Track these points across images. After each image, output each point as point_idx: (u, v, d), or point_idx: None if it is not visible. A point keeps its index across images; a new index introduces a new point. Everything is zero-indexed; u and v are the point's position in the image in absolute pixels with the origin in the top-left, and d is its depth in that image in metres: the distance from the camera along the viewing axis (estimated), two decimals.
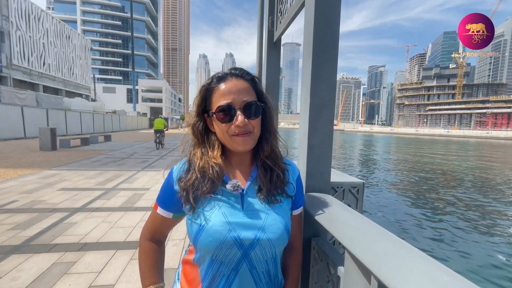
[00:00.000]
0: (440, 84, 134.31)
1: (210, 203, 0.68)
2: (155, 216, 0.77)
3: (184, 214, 0.73)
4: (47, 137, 10.13)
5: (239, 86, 0.68)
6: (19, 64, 27.58)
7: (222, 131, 0.69)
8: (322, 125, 1.03)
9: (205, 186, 0.67)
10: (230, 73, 0.70)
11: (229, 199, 0.69)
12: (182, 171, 0.73)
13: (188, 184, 0.68)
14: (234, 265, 0.65)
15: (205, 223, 0.65)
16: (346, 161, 18.29)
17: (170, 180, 0.73)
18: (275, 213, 0.70)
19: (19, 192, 4.55)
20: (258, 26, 2.60)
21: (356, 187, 1.25)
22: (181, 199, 0.69)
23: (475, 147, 37.07)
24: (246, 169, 0.76)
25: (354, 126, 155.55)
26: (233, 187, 0.67)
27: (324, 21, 1.00)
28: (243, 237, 0.64)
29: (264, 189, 0.71)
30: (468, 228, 6.17)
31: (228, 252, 0.64)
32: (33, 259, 2.44)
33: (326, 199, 0.94)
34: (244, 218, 0.66)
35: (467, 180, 12.00)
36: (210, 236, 0.63)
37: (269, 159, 0.75)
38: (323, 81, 1.01)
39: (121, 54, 76.81)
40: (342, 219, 0.76)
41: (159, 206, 0.75)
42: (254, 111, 0.69)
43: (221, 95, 0.68)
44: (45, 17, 32.23)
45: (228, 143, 0.70)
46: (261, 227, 0.66)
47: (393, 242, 0.59)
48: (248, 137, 0.68)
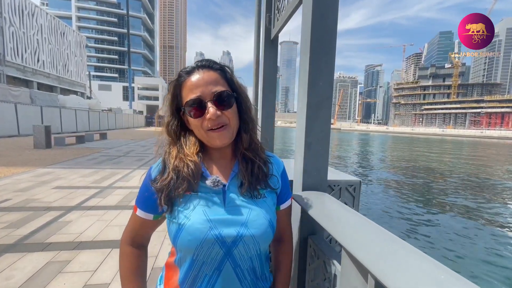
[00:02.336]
0: (435, 84, 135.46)
1: (189, 201, 0.65)
2: (134, 219, 0.73)
3: (160, 214, 0.71)
4: (42, 135, 10.00)
5: (207, 78, 0.65)
6: (12, 60, 27.12)
7: (197, 127, 0.67)
8: (319, 123, 1.03)
9: (180, 186, 0.64)
10: (197, 66, 0.67)
11: (209, 196, 0.66)
12: (157, 171, 0.69)
13: (163, 185, 0.65)
14: (217, 264, 0.63)
15: (184, 221, 0.62)
16: (343, 159, 18.38)
17: (148, 180, 0.69)
18: (259, 208, 0.67)
19: (13, 190, 4.49)
20: (256, 23, 2.58)
21: (353, 185, 1.25)
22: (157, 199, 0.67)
23: (470, 146, 37.51)
24: (227, 164, 0.73)
25: (351, 125, 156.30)
26: (213, 183, 0.64)
27: (321, 18, 0.99)
28: (225, 235, 0.62)
29: (246, 183, 0.68)
30: (464, 226, 6.24)
31: (209, 251, 0.61)
32: (27, 258, 2.41)
33: (323, 197, 0.94)
34: (225, 215, 0.64)
35: (462, 178, 12.13)
36: (190, 235, 0.61)
37: (249, 150, 0.72)
38: (320, 79, 1.01)
39: (117, 51, 76.05)
40: (339, 217, 0.76)
41: (138, 208, 0.71)
42: (226, 101, 0.65)
43: (190, 89, 0.65)
44: (39, 13, 31.72)
45: (204, 139, 0.68)
46: (243, 223, 0.64)
47: (389, 240, 0.59)
48: (225, 130, 0.66)
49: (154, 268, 2.31)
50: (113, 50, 75.86)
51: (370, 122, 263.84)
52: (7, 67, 26.65)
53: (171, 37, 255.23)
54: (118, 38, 75.06)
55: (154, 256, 2.51)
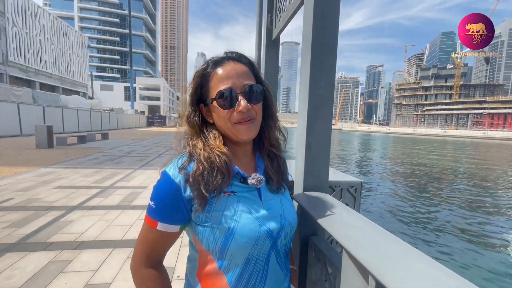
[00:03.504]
0: (437, 84, 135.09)
1: (230, 203, 0.62)
2: (154, 236, 0.62)
3: (189, 221, 0.64)
4: (44, 135, 10.04)
5: (238, 70, 0.64)
6: (15, 60, 27.26)
7: (224, 119, 0.64)
8: (320, 124, 1.03)
9: (215, 178, 0.60)
10: (227, 57, 0.66)
11: (247, 194, 0.65)
12: (183, 163, 0.63)
13: (197, 176, 0.60)
14: (266, 257, 0.64)
15: (234, 225, 0.59)
16: (344, 160, 18.34)
17: (169, 184, 0.61)
18: (286, 199, 0.72)
19: (15, 190, 4.50)
20: (257, 24, 2.59)
21: (354, 186, 1.25)
22: (188, 204, 0.60)
23: (471, 147, 37.34)
24: (250, 161, 0.72)
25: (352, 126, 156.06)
26: (258, 180, 0.64)
27: (323, 19, 0.99)
28: (272, 228, 0.64)
29: (275, 179, 0.70)
30: (466, 228, 6.21)
31: (261, 246, 0.62)
32: (29, 257, 2.42)
33: (323, 198, 0.94)
34: (266, 210, 0.65)
35: (464, 179, 12.08)
36: (244, 237, 0.59)
37: (274, 147, 0.73)
38: (321, 79, 1.01)
39: (119, 51, 76.36)
40: (339, 218, 0.76)
41: (160, 222, 0.61)
42: (256, 95, 0.65)
43: (220, 80, 0.63)
44: (41, 13, 31.88)
45: (230, 133, 0.65)
46: (282, 214, 0.67)
47: (391, 241, 0.59)
48: (252, 124, 0.64)
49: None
50: (115, 51, 76.18)
51: (372, 123, 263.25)
52: (10, 67, 26.79)
53: (172, 37, 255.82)
54: (120, 39, 75.37)
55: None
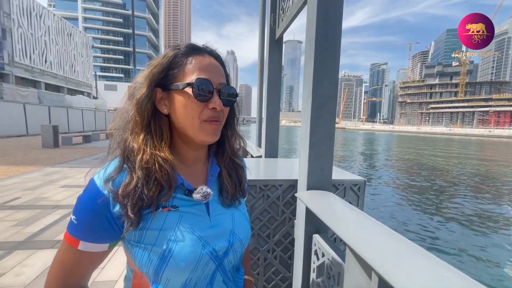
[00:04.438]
0: (442, 82, 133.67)
1: (169, 219, 0.53)
2: (74, 257, 0.52)
3: (120, 238, 0.54)
4: (50, 135, 10.17)
5: (217, 66, 0.58)
6: (21, 61, 27.61)
7: (193, 112, 0.53)
8: (324, 123, 1.03)
9: (151, 191, 0.50)
10: (207, 50, 0.58)
11: (191, 209, 0.56)
12: (112, 172, 0.52)
13: (128, 190, 0.50)
14: (209, 279, 0.56)
15: (171, 246, 0.51)
16: (348, 158, 18.27)
17: (95, 196, 0.50)
18: (239, 211, 0.65)
19: (22, 189, 4.58)
20: (260, 23, 2.59)
21: (358, 185, 1.26)
22: (118, 220, 0.50)
23: (477, 146, 36.92)
24: (201, 168, 0.63)
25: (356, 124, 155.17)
26: (204, 196, 0.55)
27: (326, 18, 0.99)
28: (218, 248, 0.56)
29: (230, 192, 0.63)
30: (469, 225, 6.18)
31: (203, 270, 0.54)
32: (37, 255, 2.46)
33: (327, 196, 0.95)
34: (213, 227, 0.57)
35: (469, 177, 11.97)
36: (183, 261, 0.51)
37: (235, 156, 0.67)
38: (325, 78, 1.02)
39: (123, 51, 76.81)
40: (343, 216, 0.76)
41: (81, 240, 0.50)
42: (230, 98, 0.58)
43: (198, 68, 0.54)
44: (46, 14, 32.21)
45: (193, 130, 0.55)
46: (232, 231, 0.60)
47: (393, 239, 0.60)
48: (218, 126, 0.56)
49: None
50: (118, 50, 76.63)
51: (376, 121, 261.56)
52: (16, 68, 27.13)
53: (175, 37, 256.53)
54: (123, 39, 75.79)
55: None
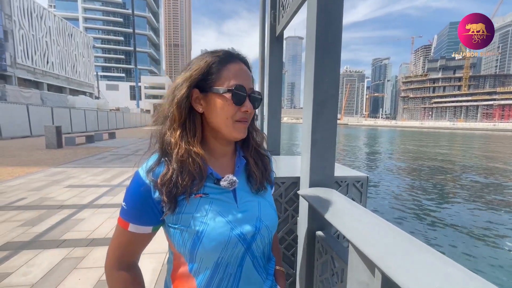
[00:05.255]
0: (445, 76, 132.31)
1: (201, 205, 0.61)
2: (126, 237, 0.62)
3: (161, 223, 0.64)
4: (53, 135, 10.25)
5: (248, 73, 0.66)
6: (23, 63, 27.78)
7: (227, 113, 0.62)
8: (326, 120, 1.03)
9: (184, 181, 0.59)
10: (239, 57, 0.66)
11: (221, 196, 0.63)
12: (153, 164, 0.62)
13: (165, 179, 0.58)
14: (239, 261, 0.63)
15: (202, 228, 0.58)
16: (350, 154, 18.22)
17: (142, 186, 0.60)
18: (265, 200, 0.71)
19: (28, 189, 4.63)
20: (260, 20, 2.58)
21: (360, 181, 1.26)
22: (158, 205, 0.60)
23: (482, 140, 36.59)
24: (229, 160, 0.71)
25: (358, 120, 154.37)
26: (230, 183, 0.62)
27: (327, 14, 0.99)
28: (246, 231, 0.62)
29: (257, 180, 0.69)
30: (476, 221, 6.10)
31: (233, 251, 0.61)
32: (43, 254, 2.50)
33: (330, 194, 0.95)
34: (241, 212, 0.64)
35: (474, 173, 11.86)
36: (213, 241, 0.58)
37: (260, 148, 0.75)
38: (326, 75, 1.01)
39: (123, 51, 76.88)
40: (346, 213, 0.76)
41: (130, 223, 0.61)
42: (257, 101, 0.67)
43: (235, 75, 0.62)
44: (47, 15, 32.29)
45: (226, 129, 0.63)
46: (258, 217, 0.65)
47: (396, 235, 0.60)
48: (246, 125, 0.66)
49: (164, 264, 2.36)
50: (119, 50, 76.73)
51: (378, 117, 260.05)
52: (18, 70, 27.30)
53: (176, 35, 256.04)
54: (124, 38, 75.83)
55: (165, 252, 2.57)
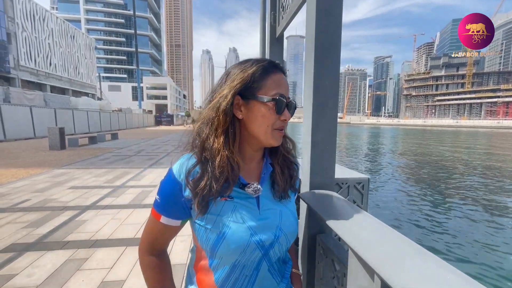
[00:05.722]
0: (448, 74, 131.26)
1: (227, 208, 0.63)
2: (158, 227, 0.67)
3: (189, 217, 0.67)
4: (56, 136, 10.31)
5: (287, 82, 0.68)
6: (26, 65, 27.99)
7: (268, 121, 0.63)
8: (326, 122, 1.03)
9: (218, 186, 0.61)
10: (279, 66, 0.67)
11: (244, 201, 0.65)
12: (190, 167, 0.64)
13: (200, 186, 0.61)
14: (255, 265, 0.64)
15: (225, 230, 0.61)
16: (352, 154, 18.16)
17: (175, 183, 0.64)
18: (287, 208, 0.71)
19: (31, 191, 4.67)
20: (261, 21, 2.57)
21: (361, 183, 1.25)
22: (188, 203, 0.63)
23: (486, 138, 36.26)
24: (256, 166, 0.72)
25: (360, 119, 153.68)
26: (254, 191, 0.64)
27: (326, 16, 0.98)
28: (264, 239, 0.63)
29: (281, 188, 0.70)
30: (481, 226, 5.80)
31: (250, 255, 0.63)
32: (47, 256, 2.51)
33: (330, 196, 0.94)
34: (262, 220, 0.65)
35: (479, 174, 11.62)
36: (233, 243, 0.61)
37: (289, 154, 0.75)
38: (326, 77, 1.00)
39: (125, 52, 77.18)
40: (345, 216, 0.76)
41: (162, 215, 0.66)
42: (293, 110, 0.68)
43: (277, 84, 0.64)
44: (49, 17, 32.50)
45: (265, 136, 0.64)
46: (278, 226, 0.66)
47: (397, 240, 0.59)
48: (283, 133, 0.68)
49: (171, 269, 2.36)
50: (121, 51, 77.04)
51: (381, 115, 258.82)
52: (22, 72, 27.52)
53: (177, 35, 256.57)
54: (125, 39, 76.13)
55: None
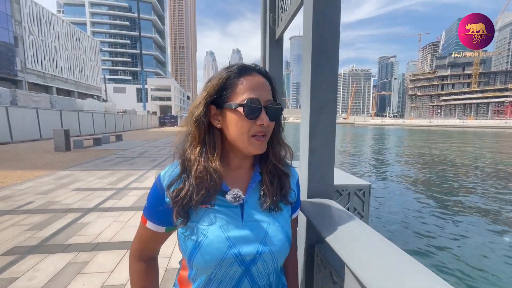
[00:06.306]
0: (454, 73, 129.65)
1: (206, 215, 0.61)
2: (144, 231, 0.67)
3: (173, 227, 0.66)
4: (61, 138, 10.42)
5: (265, 84, 0.63)
6: (33, 67, 28.41)
7: (242, 129, 0.60)
8: (323, 127, 1.00)
9: (199, 195, 0.59)
10: (256, 69, 0.64)
11: (227, 210, 0.62)
12: (174, 176, 0.63)
13: (180, 195, 0.60)
14: (235, 283, 0.60)
15: (201, 239, 0.58)
16: (355, 156, 18.00)
17: (159, 189, 0.64)
18: (277, 222, 0.65)
19: (36, 193, 4.71)
20: (261, 23, 2.55)
21: (362, 190, 1.21)
22: (170, 210, 0.62)
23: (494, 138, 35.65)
24: (245, 174, 0.69)
25: (365, 119, 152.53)
26: (234, 198, 0.61)
27: (323, 18, 0.95)
28: (244, 253, 0.59)
29: (269, 198, 0.65)
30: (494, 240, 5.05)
31: (228, 270, 0.58)
32: (49, 259, 2.52)
33: (328, 205, 0.91)
34: (244, 231, 0.61)
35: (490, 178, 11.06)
36: (208, 255, 0.57)
37: (279, 163, 0.69)
38: (323, 81, 0.98)
39: (130, 54, 77.94)
40: (343, 229, 0.73)
41: (148, 219, 0.66)
42: (276, 113, 0.64)
43: (248, 88, 0.60)
44: (55, 20, 32.96)
45: (242, 144, 0.62)
46: (262, 240, 0.61)
47: (395, 257, 0.56)
48: (265, 140, 0.63)
49: (167, 269, 2.35)
50: (126, 53, 77.81)
51: (385, 116, 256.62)
52: (28, 74, 27.94)
53: (181, 37, 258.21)
54: (130, 41, 76.88)
55: (168, 257, 2.56)
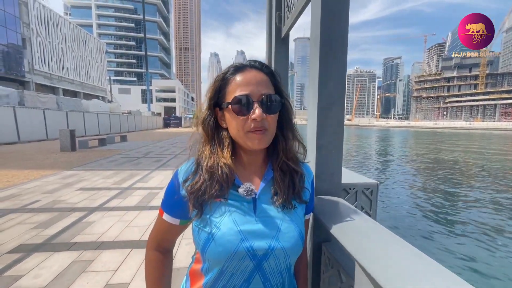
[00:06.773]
0: (461, 75, 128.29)
1: (220, 209, 0.62)
2: (161, 223, 0.72)
3: (191, 219, 0.68)
4: (67, 139, 10.54)
5: (258, 78, 0.63)
6: (40, 69, 28.87)
7: (237, 126, 0.63)
8: (331, 125, 0.98)
9: (213, 189, 0.61)
10: (250, 65, 0.65)
11: (240, 204, 0.63)
12: (189, 172, 0.67)
13: (195, 188, 0.62)
14: (247, 276, 0.61)
15: (214, 231, 0.60)
16: (360, 157, 17.87)
17: (175, 183, 0.67)
18: (290, 220, 0.65)
19: (42, 192, 4.76)
20: (267, 21, 2.55)
21: (370, 188, 1.20)
22: (187, 204, 0.64)
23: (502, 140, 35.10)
24: (258, 170, 0.70)
25: (370, 121, 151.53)
26: (246, 191, 0.62)
27: (331, 15, 0.94)
28: (256, 247, 0.59)
29: (281, 195, 0.65)
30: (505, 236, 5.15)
31: (239, 263, 0.59)
32: (54, 257, 2.54)
33: (336, 203, 0.90)
34: (256, 226, 0.61)
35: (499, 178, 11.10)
36: (221, 246, 0.58)
37: (290, 161, 0.69)
38: (331, 78, 0.96)
39: (135, 55, 78.72)
40: (352, 226, 0.71)
41: (164, 212, 0.70)
42: (272, 105, 0.63)
43: (238, 86, 0.62)
44: (63, 22, 33.48)
45: (242, 140, 0.64)
46: (275, 236, 0.61)
47: (408, 253, 0.55)
48: (264, 134, 0.62)
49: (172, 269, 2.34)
50: (131, 55, 78.61)
51: (390, 117, 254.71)
52: (36, 75, 28.39)
53: (186, 39, 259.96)
54: (135, 43, 77.68)
55: None
